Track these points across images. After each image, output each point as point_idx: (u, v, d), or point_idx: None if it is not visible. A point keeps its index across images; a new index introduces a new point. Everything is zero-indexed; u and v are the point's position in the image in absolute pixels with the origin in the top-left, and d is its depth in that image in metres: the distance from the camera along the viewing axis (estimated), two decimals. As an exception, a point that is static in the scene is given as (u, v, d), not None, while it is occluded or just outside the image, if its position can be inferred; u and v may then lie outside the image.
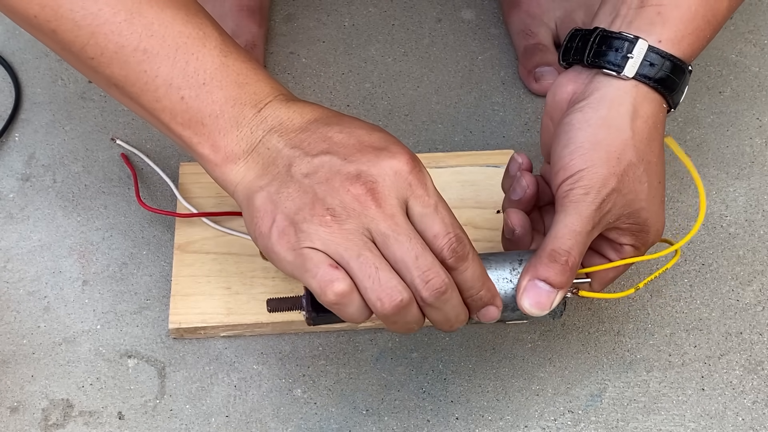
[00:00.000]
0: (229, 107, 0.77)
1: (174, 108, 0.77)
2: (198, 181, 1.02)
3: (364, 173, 0.74)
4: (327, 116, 0.78)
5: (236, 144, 0.77)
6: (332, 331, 0.97)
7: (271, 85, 0.79)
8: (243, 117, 0.77)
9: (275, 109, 0.78)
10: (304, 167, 0.75)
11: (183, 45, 0.77)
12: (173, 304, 0.96)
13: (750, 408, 0.94)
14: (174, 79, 0.77)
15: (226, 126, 0.77)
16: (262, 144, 0.77)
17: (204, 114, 0.77)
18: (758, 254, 1.02)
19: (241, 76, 0.78)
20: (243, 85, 0.78)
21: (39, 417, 0.92)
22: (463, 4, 1.20)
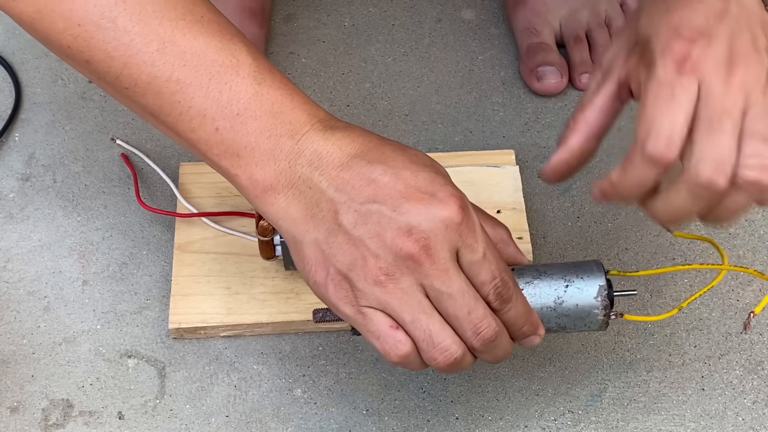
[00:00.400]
0: (264, 139, 0.75)
1: (209, 139, 0.75)
2: (198, 181, 1.02)
3: (415, 229, 0.72)
4: (368, 150, 0.75)
5: (275, 178, 0.75)
6: (332, 331, 0.97)
7: (308, 112, 0.76)
8: (280, 150, 0.75)
9: (313, 141, 0.75)
10: (351, 217, 0.73)
11: (216, 74, 0.75)
12: (173, 304, 0.96)
13: (750, 408, 0.94)
14: (208, 110, 0.75)
15: (262, 159, 0.75)
16: (302, 181, 0.74)
17: (239, 146, 0.75)
18: (758, 254, 1.02)
19: (276, 104, 0.75)
20: (277, 115, 0.75)
21: (39, 417, 0.92)
22: (463, 4, 1.20)
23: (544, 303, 0.79)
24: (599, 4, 1.15)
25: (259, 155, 0.75)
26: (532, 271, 0.80)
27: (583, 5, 1.14)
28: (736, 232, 1.03)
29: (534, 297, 0.79)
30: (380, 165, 0.74)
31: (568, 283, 0.79)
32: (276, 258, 0.94)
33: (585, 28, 1.14)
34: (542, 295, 0.79)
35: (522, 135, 1.10)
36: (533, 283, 0.79)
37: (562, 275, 0.80)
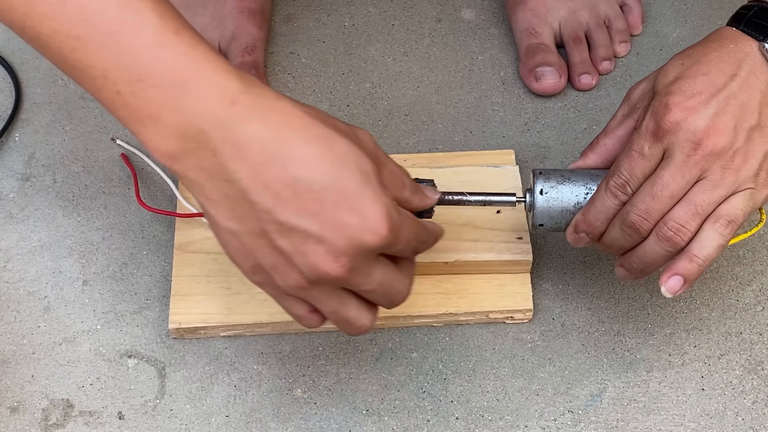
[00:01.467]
0: (168, 111, 0.70)
1: (113, 101, 0.71)
2: None
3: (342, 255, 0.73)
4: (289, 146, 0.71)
5: (183, 156, 0.71)
6: (332, 331, 0.97)
7: (217, 86, 0.71)
8: (187, 128, 0.70)
9: (225, 127, 0.70)
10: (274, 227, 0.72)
11: (117, 33, 0.70)
12: (173, 304, 0.96)
13: (750, 408, 0.94)
14: (109, 71, 0.70)
15: (167, 133, 0.71)
16: (217, 169, 0.71)
17: (143, 114, 0.71)
18: (758, 254, 1.02)
19: (180, 74, 0.70)
20: (181, 86, 0.70)
21: (39, 417, 0.92)
22: (463, 4, 1.20)
23: (564, 207, 0.88)
24: (599, 5, 1.15)
25: (164, 128, 0.71)
26: (557, 176, 0.88)
27: (583, 6, 1.14)
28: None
29: (556, 201, 0.87)
30: (307, 173, 0.71)
31: (588, 190, 0.87)
32: None
33: (584, 29, 1.14)
34: (563, 199, 0.88)
35: (522, 135, 1.10)
36: (557, 188, 0.88)
37: (583, 182, 0.88)
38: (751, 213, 0.83)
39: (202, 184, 0.72)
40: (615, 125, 0.88)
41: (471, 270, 0.97)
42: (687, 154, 0.80)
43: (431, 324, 0.97)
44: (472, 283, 0.97)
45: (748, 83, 0.81)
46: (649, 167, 0.82)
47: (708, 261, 0.82)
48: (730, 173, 0.81)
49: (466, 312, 0.97)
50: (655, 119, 0.81)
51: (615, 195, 0.84)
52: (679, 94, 0.81)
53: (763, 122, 0.81)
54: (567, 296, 1.00)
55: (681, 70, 0.82)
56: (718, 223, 0.82)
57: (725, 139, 0.80)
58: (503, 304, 0.97)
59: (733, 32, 0.83)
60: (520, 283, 0.97)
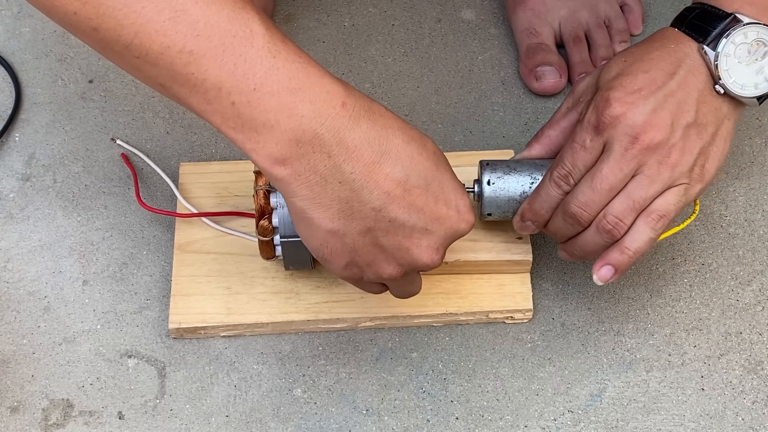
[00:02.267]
0: (284, 117, 0.73)
1: (225, 112, 0.73)
2: (198, 181, 1.02)
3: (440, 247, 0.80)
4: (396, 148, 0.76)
5: (297, 161, 0.74)
6: (332, 331, 0.97)
7: (327, 89, 0.74)
8: (302, 132, 0.73)
9: (338, 129, 0.74)
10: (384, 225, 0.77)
11: (230, 45, 0.72)
12: (173, 304, 0.96)
13: (750, 408, 0.94)
14: (223, 83, 0.72)
15: (282, 138, 0.73)
16: (329, 172, 0.74)
17: (257, 123, 0.73)
18: (758, 254, 1.02)
19: (293, 80, 0.73)
20: (296, 91, 0.73)
21: (39, 417, 0.92)
22: (463, 4, 1.20)
23: (511, 196, 0.91)
24: (598, 5, 1.15)
25: (280, 134, 0.73)
26: (503, 166, 0.92)
27: (583, 6, 1.14)
28: (736, 232, 1.03)
29: (502, 191, 0.91)
30: (413, 171, 0.77)
31: (533, 180, 0.91)
32: (276, 258, 0.94)
33: (584, 29, 1.14)
34: (509, 189, 0.91)
35: (522, 135, 1.10)
36: (503, 178, 0.91)
37: (528, 172, 0.91)
38: (685, 207, 0.87)
39: (311, 188, 0.75)
40: (559, 117, 0.92)
41: (471, 270, 0.97)
42: (625, 148, 0.84)
43: (431, 324, 0.97)
44: (472, 283, 0.98)
45: (686, 82, 0.84)
46: (590, 159, 0.85)
47: (638, 253, 0.87)
48: (665, 168, 0.84)
49: (466, 312, 0.97)
50: (596, 113, 0.85)
51: (558, 185, 0.87)
52: (620, 89, 0.84)
53: (699, 120, 0.85)
54: (567, 296, 1.00)
55: (623, 67, 0.86)
56: (650, 217, 0.85)
57: (662, 134, 0.83)
58: (503, 304, 0.97)
59: (675, 33, 0.87)
60: (520, 283, 0.97)
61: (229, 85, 0.72)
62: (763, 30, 0.85)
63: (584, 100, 0.89)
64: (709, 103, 0.85)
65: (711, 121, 0.85)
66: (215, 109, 0.73)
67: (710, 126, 0.85)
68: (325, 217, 0.76)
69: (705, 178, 0.86)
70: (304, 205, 0.76)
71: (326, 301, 0.96)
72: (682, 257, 1.02)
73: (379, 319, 0.97)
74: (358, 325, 0.97)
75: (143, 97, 1.12)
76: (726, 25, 0.85)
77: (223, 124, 0.74)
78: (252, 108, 0.73)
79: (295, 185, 0.75)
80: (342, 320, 0.96)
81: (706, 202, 1.05)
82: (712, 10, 0.86)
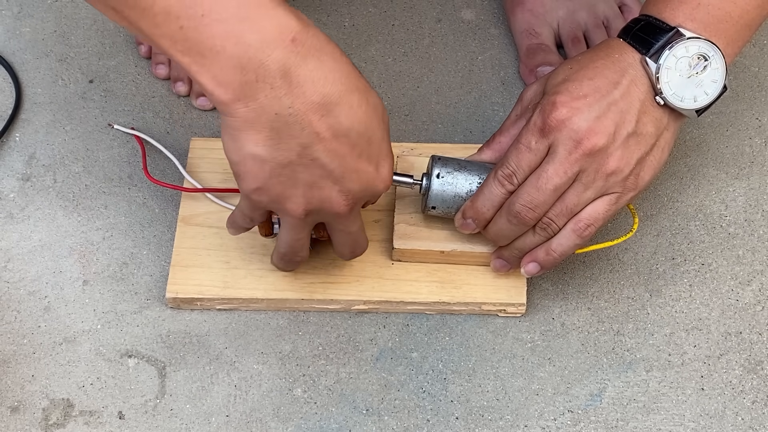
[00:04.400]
0: (231, 44, 0.75)
1: (173, 36, 0.75)
2: (206, 156, 1.04)
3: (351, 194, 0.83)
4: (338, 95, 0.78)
5: (239, 86, 0.76)
6: (332, 330, 0.97)
7: (278, 22, 0.76)
8: (248, 60, 0.75)
9: (284, 63, 0.76)
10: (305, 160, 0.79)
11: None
12: (172, 273, 0.97)
13: (750, 408, 0.94)
14: (172, 7, 0.74)
15: (228, 64, 0.75)
16: (269, 102, 0.76)
17: (204, 47, 0.75)
18: (758, 254, 1.02)
19: (243, 8, 0.75)
20: (245, 20, 0.75)
21: (39, 417, 0.92)
22: (463, 4, 1.20)
23: (457, 192, 0.93)
24: (597, 5, 1.15)
25: (225, 60, 0.75)
26: (454, 163, 0.94)
27: (581, 6, 1.14)
28: (736, 232, 1.03)
29: (450, 186, 0.93)
30: (347, 120, 0.79)
31: (481, 180, 0.93)
32: (274, 235, 0.94)
33: (583, 29, 1.14)
34: (457, 186, 0.93)
35: (522, 135, 1.10)
36: (453, 174, 0.93)
37: (477, 173, 0.93)
38: (615, 215, 0.91)
39: (247, 113, 0.77)
40: (509, 124, 0.94)
41: (467, 261, 0.98)
42: (569, 151, 0.86)
43: (424, 311, 0.98)
44: (467, 274, 0.98)
45: (629, 92, 0.87)
46: (534, 160, 0.88)
47: (563, 256, 0.91)
48: (600, 176, 0.87)
49: (459, 302, 0.97)
50: (542, 116, 0.87)
51: (502, 184, 0.89)
52: (566, 94, 0.87)
53: (639, 130, 0.87)
54: (566, 296, 1.00)
55: (569, 73, 0.88)
56: (578, 225, 0.89)
57: (603, 141, 0.86)
58: (497, 296, 0.97)
59: (620, 43, 0.89)
60: (515, 277, 0.98)
61: (177, 9, 0.74)
62: (705, 44, 0.87)
63: (531, 107, 0.91)
64: (649, 114, 0.88)
65: (651, 132, 0.88)
66: (164, 33, 0.75)
67: (650, 136, 0.88)
68: (253, 140, 0.78)
69: (638, 186, 0.89)
70: (237, 124, 0.78)
71: (321, 281, 0.97)
72: (682, 257, 1.02)
73: (373, 303, 0.97)
74: (351, 307, 0.97)
75: (143, 97, 1.12)
76: (669, 38, 0.87)
77: (172, 47, 0.76)
78: (199, 33, 0.75)
79: (234, 107, 0.77)
80: (336, 301, 0.97)
81: (706, 202, 1.05)
82: (656, 23, 0.88)
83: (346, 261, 0.95)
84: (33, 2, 1.18)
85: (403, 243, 0.97)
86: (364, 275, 0.98)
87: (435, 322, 0.98)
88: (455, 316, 0.98)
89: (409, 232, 0.98)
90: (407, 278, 0.98)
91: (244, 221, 0.89)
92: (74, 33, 1.16)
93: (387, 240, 0.99)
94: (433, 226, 0.98)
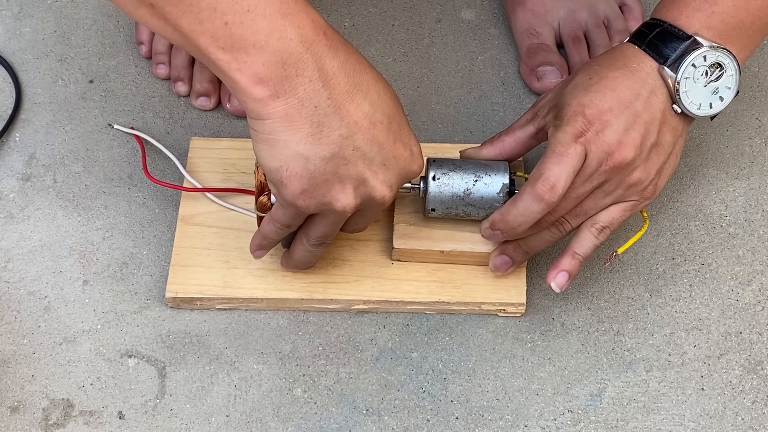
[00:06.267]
0: (274, 40, 0.76)
1: (216, 32, 0.76)
2: (206, 156, 1.04)
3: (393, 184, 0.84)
4: (367, 83, 0.80)
5: (279, 83, 0.77)
6: (332, 330, 0.97)
7: (311, 17, 0.78)
8: (289, 54, 0.77)
9: (321, 55, 0.78)
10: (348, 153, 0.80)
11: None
12: (172, 273, 0.97)
13: (750, 408, 0.94)
14: (218, 3, 0.75)
15: (270, 59, 0.76)
16: (308, 96, 0.78)
17: (248, 43, 0.76)
18: (758, 254, 1.02)
19: (284, 5, 0.77)
20: (286, 16, 0.77)
21: (39, 417, 0.92)
22: (463, 4, 1.20)
23: (455, 192, 0.93)
24: (598, 5, 1.15)
25: (268, 55, 0.76)
26: (449, 164, 0.94)
27: (582, 6, 1.14)
28: (736, 232, 1.03)
29: (447, 187, 0.93)
30: (378, 107, 0.81)
31: (477, 178, 0.93)
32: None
33: (583, 29, 1.14)
34: (454, 186, 0.93)
35: (522, 135, 1.10)
36: (448, 175, 0.93)
37: (473, 171, 0.93)
38: (628, 219, 0.93)
39: (287, 110, 0.78)
40: (517, 127, 0.95)
41: (467, 261, 0.98)
42: (599, 163, 0.87)
43: (424, 311, 0.98)
44: (467, 274, 0.98)
45: (649, 102, 0.87)
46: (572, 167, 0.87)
47: (586, 258, 0.92)
48: (622, 186, 0.89)
49: (459, 302, 0.97)
50: (574, 126, 0.87)
51: (541, 197, 0.87)
52: (593, 107, 0.87)
53: (660, 140, 0.88)
54: (566, 296, 1.00)
55: (589, 84, 0.89)
56: (594, 227, 0.91)
57: (632, 154, 0.87)
58: (496, 296, 0.97)
59: (636, 51, 0.89)
60: (515, 277, 0.98)
61: (223, 5, 0.75)
62: (722, 54, 0.87)
63: (542, 114, 0.92)
64: (668, 123, 0.88)
65: (669, 141, 0.89)
66: (206, 29, 0.76)
67: (668, 145, 0.89)
68: (294, 139, 0.79)
69: (655, 194, 0.91)
70: (275, 126, 0.79)
71: (321, 281, 0.97)
72: (682, 257, 1.02)
73: (372, 302, 0.97)
74: (351, 307, 0.97)
75: (143, 98, 1.12)
76: (686, 47, 0.87)
77: (212, 44, 0.77)
78: (244, 28, 0.76)
79: (272, 106, 0.78)
80: (335, 301, 0.97)
81: (706, 202, 1.05)
82: (672, 30, 0.88)
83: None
84: (33, 2, 1.18)
85: (403, 243, 0.97)
86: (364, 275, 0.98)
87: (435, 322, 0.98)
88: (455, 316, 0.98)
89: (409, 232, 0.98)
90: (407, 278, 0.98)
91: (278, 233, 0.89)
92: (74, 33, 1.16)
93: (387, 240, 0.99)
94: (432, 226, 0.98)
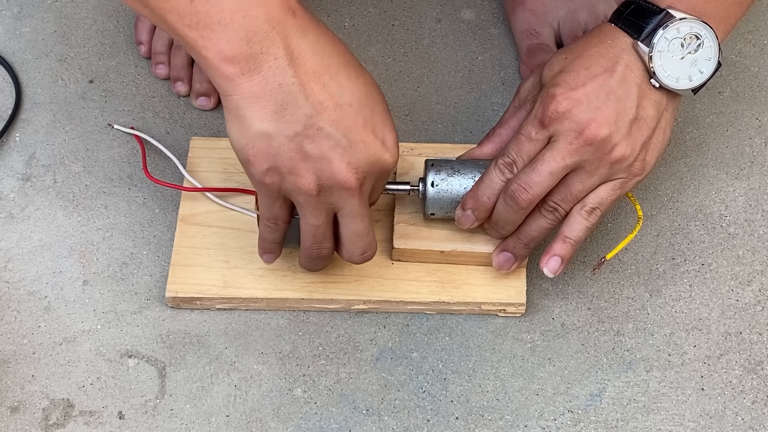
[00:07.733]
0: (239, 17, 0.77)
1: (182, 9, 0.77)
2: (206, 156, 1.04)
3: (360, 168, 0.82)
4: (336, 66, 0.80)
5: (245, 59, 0.77)
6: (332, 330, 0.97)
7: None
8: (254, 32, 0.77)
9: (287, 34, 0.78)
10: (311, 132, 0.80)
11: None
12: (172, 273, 0.97)
13: (749, 408, 0.94)
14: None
15: (235, 37, 0.77)
16: (272, 73, 0.78)
17: (213, 20, 0.77)
18: (758, 254, 1.02)
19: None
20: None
21: (39, 417, 0.93)
22: (463, 4, 1.20)
23: (453, 198, 0.94)
24: (598, 5, 1.15)
25: (233, 32, 0.77)
26: (447, 168, 0.94)
27: (582, 6, 1.14)
28: (736, 232, 1.03)
29: (446, 192, 0.93)
30: (347, 90, 0.81)
31: (475, 179, 0.93)
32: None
33: (583, 29, 1.14)
34: (452, 191, 0.93)
35: (522, 135, 1.10)
36: (447, 180, 0.93)
37: (471, 174, 0.93)
38: (619, 200, 0.91)
39: (252, 86, 0.78)
40: (508, 117, 0.95)
41: (467, 261, 0.98)
42: (570, 142, 0.87)
43: (424, 311, 0.98)
44: (467, 274, 0.98)
45: (625, 78, 0.87)
46: (534, 150, 0.89)
47: (578, 242, 0.91)
48: (605, 164, 0.88)
49: (459, 302, 0.97)
50: (542, 108, 0.88)
51: (502, 172, 0.90)
52: (564, 85, 0.88)
53: (640, 115, 0.88)
54: (566, 296, 1.00)
55: (565, 64, 0.89)
56: (584, 210, 0.90)
57: (606, 130, 0.87)
58: (496, 296, 0.97)
59: (612, 28, 0.89)
60: (515, 277, 0.98)
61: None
62: (696, 24, 0.87)
63: (530, 98, 0.93)
64: (648, 97, 0.88)
65: (652, 115, 0.88)
66: (172, 6, 0.77)
67: (651, 119, 0.89)
68: (259, 116, 0.79)
69: (645, 170, 0.90)
70: (241, 102, 0.79)
71: (321, 281, 0.97)
72: (682, 257, 1.02)
73: (372, 302, 0.97)
74: (351, 307, 0.97)
75: (143, 98, 1.12)
76: (659, 20, 0.87)
77: (179, 21, 0.77)
78: (210, 6, 0.77)
79: (238, 82, 0.78)
80: (335, 301, 0.97)
81: (706, 202, 1.05)
82: (645, 6, 0.88)
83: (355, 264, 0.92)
84: (33, 2, 1.18)
85: (403, 243, 0.97)
86: (364, 275, 0.98)
87: (435, 322, 0.98)
88: (455, 316, 0.98)
89: (409, 232, 0.98)
90: (407, 278, 0.98)
91: (269, 229, 0.89)
92: (74, 33, 1.16)
93: (387, 240, 0.99)
94: (433, 225, 0.98)
